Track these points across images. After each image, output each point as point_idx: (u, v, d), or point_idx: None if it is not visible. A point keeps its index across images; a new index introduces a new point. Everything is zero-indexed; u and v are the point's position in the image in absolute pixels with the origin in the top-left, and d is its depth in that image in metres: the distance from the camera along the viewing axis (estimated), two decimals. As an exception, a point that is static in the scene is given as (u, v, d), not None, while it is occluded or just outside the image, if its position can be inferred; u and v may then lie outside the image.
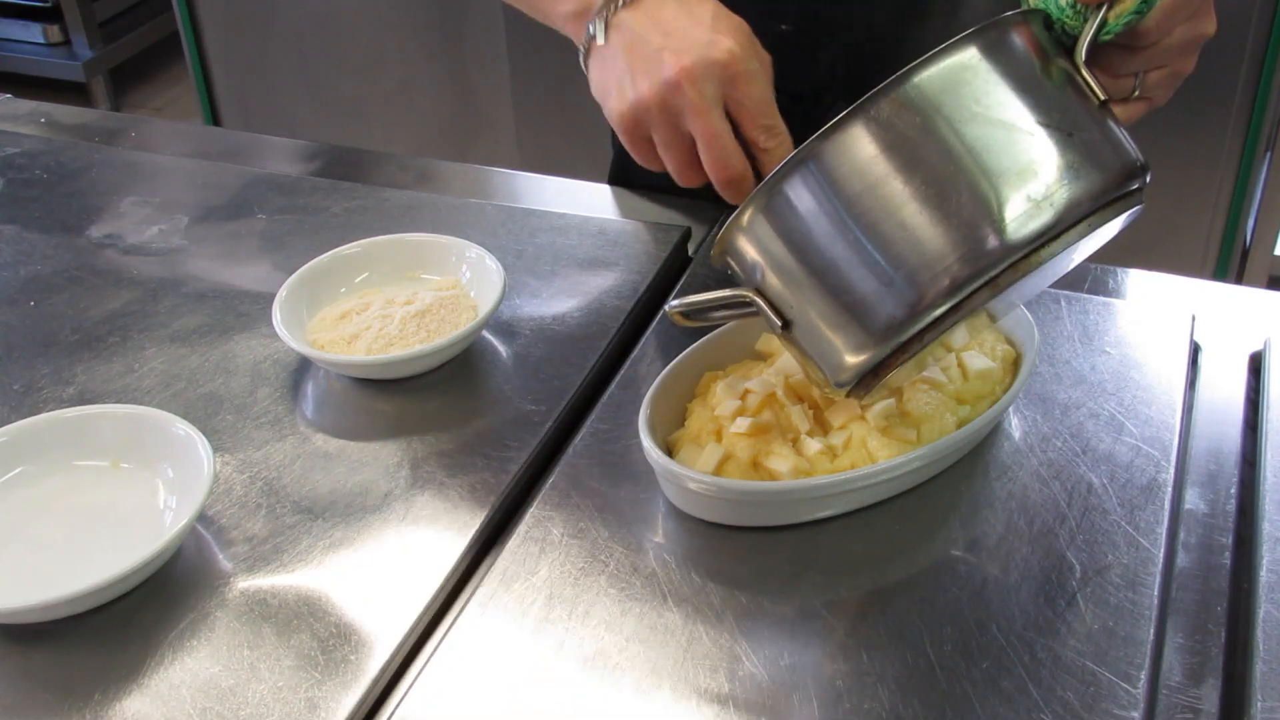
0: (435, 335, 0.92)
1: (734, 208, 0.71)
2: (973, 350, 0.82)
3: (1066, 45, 0.72)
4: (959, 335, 0.82)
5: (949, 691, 0.67)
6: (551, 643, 0.71)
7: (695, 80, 0.76)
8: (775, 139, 0.80)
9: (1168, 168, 2.15)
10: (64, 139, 1.29)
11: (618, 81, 0.80)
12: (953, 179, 0.66)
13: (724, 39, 0.77)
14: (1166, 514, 0.77)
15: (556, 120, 2.42)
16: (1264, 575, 0.72)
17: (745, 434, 0.78)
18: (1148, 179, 0.69)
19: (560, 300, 0.99)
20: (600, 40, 0.81)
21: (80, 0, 3.43)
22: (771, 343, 0.86)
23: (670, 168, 0.83)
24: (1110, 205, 0.68)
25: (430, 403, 0.90)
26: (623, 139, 0.84)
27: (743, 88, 0.78)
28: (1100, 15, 0.71)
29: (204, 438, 0.80)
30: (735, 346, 0.88)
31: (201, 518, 0.80)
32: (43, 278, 1.06)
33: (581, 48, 0.84)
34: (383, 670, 0.70)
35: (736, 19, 0.80)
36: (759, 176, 0.82)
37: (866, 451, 0.77)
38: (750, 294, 0.71)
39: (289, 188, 1.17)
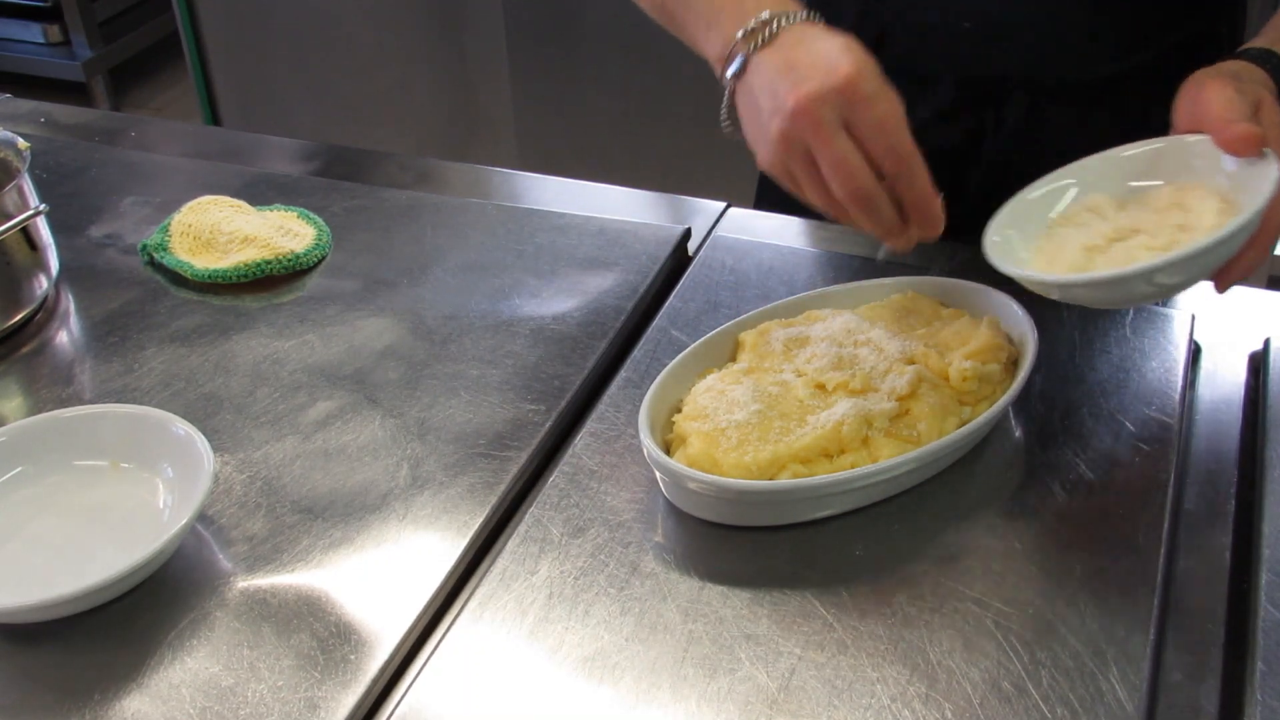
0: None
1: None
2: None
3: None
4: None
5: (949, 691, 0.67)
6: (551, 642, 0.71)
7: (812, 106, 0.75)
8: (902, 163, 0.77)
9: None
10: (64, 139, 1.29)
11: (756, 124, 0.80)
12: None
13: (843, 66, 0.76)
14: (1167, 514, 0.77)
15: (556, 120, 2.42)
16: (1264, 575, 0.72)
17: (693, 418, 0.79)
18: None
19: (560, 300, 0.99)
20: (739, 82, 0.81)
21: (80, 0, 3.43)
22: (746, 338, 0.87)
23: (814, 201, 0.81)
24: None
25: (430, 404, 0.90)
26: (775, 180, 0.82)
27: (863, 110, 0.76)
28: None
29: (204, 438, 0.80)
30: (733, 346, 0.88)
31: (201, 518, 0.80)
32: (43, 278, 1.06)
33: (726, 90, 0.82)
34: (382, 670, 0.70)
35: (862, 52, 0.78)
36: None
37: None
38: None
39: (289, 188, 1.17)
